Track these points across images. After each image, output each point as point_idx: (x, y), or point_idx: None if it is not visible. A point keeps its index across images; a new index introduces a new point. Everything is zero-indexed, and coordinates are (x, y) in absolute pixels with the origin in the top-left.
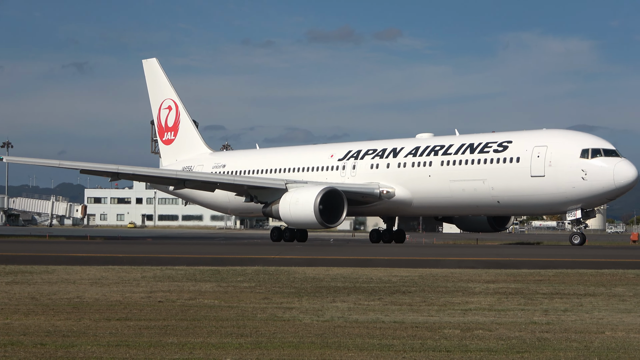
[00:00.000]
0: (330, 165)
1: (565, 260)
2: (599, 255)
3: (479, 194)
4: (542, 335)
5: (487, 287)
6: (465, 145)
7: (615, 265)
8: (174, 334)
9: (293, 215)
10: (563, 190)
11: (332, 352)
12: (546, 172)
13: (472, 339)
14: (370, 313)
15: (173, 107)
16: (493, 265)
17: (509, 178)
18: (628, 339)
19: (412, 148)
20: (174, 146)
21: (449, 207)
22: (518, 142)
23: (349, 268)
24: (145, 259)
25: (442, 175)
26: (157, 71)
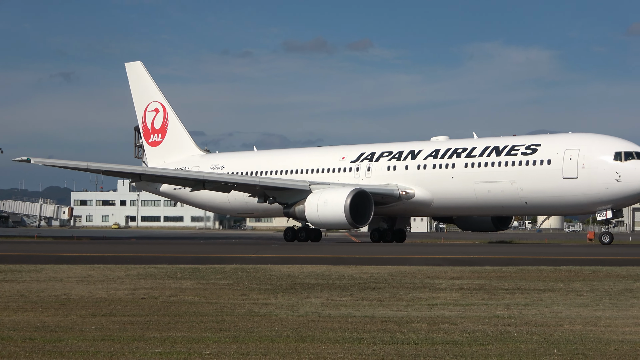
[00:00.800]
0: (343, 167)
1: (526, 258)
2: (557, 253)
3: (506, 195)
4: (504, 329)
5: (452, 283)
6: (489, 147)
7: (573, 262)
8: (156, 329)
9: (321, 216)
10: (596, 192)
11: (306, 345)
12: (579, 174)
13: (438, 332)
14: (342, 308)
15: (160, 110)
16: (458, 262)
17: (539, 179)
18: (585, 331)
19: (431, 150)
20: (162, 148)
21: (472, 207)
22: (547, 145)
23: (322, 266)
24: (129, 258)
25: (466, 177)
26: (143, 74)
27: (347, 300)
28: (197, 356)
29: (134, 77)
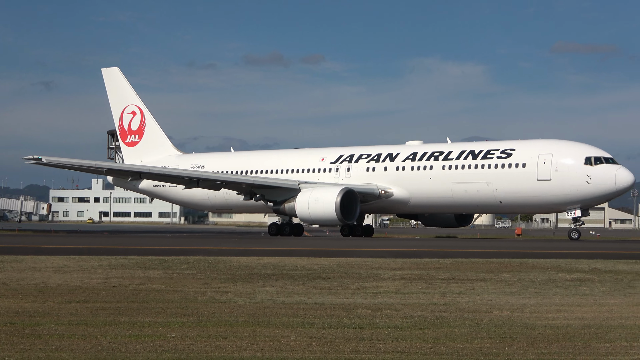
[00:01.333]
0: (322, 167)
1: (460, 251)
2: (488, 247)
3: (482, 195)
4: (440, 314)
5: (394, 273)
6: (465, 151)
7: (502, 255)
8: (126, 314)
9: (312, 212)
10: (567, 193)
11: (262, 329)
12: (552, 177)
13: (381, 317)
14: (295, 296)
15: (138, 112)
16: (400, 255)
17: (514, 181)
18: (512, 317)
19: (409, 153)
20: (139, 148)
21: (448, 206)
22: (521, 150)
23: (277, 257)
24: (102, 250)
25: (444, 178)
26: (120, 79)
27: (300, 289)
28: (163, 339)
29: (111, 82)
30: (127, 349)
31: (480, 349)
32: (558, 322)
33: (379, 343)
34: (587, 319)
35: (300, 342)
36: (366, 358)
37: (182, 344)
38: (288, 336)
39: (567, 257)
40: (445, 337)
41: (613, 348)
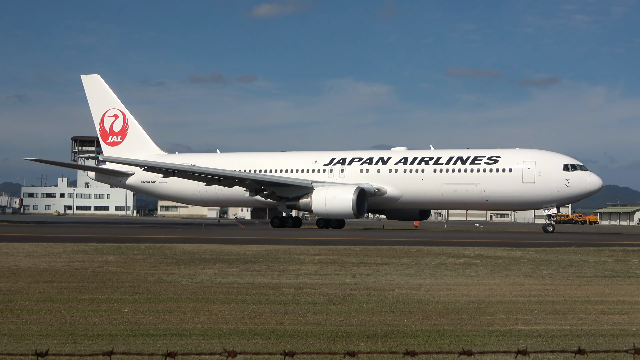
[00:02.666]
0: (316, 168)
1: (368, 239)
2: (391, 236)
3: (471, 194)
4: (351, 292)
5: (313, 258)
6: (454, 157)
7: (402, 243)
8: (87, 292)
9: (329, 208)
10: (549, 194)
11: (202, 304)
12: (536, 180)
13: (302, 295)
14: (229, 277)
15: (120, 116)
16: (318, 242)
17: (502, 183)
18: (410, 294)
19: (400, 158)
20: (122, 148)
21: (437, 203)
22: (506, 157)
23: (215, 244)
24: (66, 238)
25: (435, 179)
26: (101, 85)
27: (234, 271)
28: (118, 313)
29: (91, 87)
30: (87, 322)
31: (384, 321)
32: (448, 299)
33: (300, 316)
34: (472, 296)
35: (234, 315)
36: (289, 329)
37: (134, 317)
38: (224, 311)
39: (456, 245)
40: (355, 311)
41: (493, 320)
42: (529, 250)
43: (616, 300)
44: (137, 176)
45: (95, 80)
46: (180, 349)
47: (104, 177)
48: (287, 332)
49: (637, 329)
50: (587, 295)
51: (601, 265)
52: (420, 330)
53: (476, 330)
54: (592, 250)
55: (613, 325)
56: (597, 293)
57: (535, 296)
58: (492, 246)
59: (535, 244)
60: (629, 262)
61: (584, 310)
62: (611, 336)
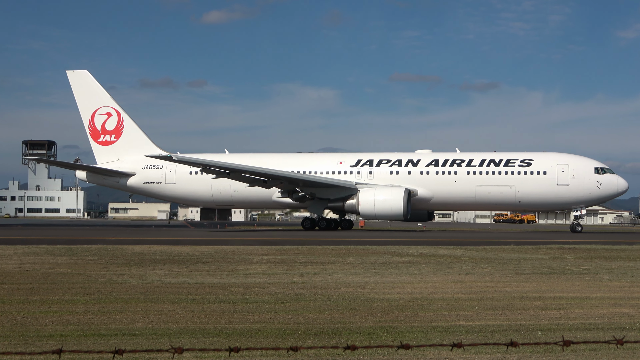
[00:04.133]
0: (342, 170)
1: (315, 239)
2: (338, 236)
3: (504, 196)
4: (299, 291)
5: (261, 258)
6: (486, 160)
7: (348, 243)
8: (38, 294)
9: (378, 209)
10: (582, 195)
11: (152, 304)
12: (570, 182)
13: (250, 294)
14: (179, 277)
15: (114, 114)
16: (266, 243)
17: (536, 185)
18: (356, 292)
19: (430, 160)
20: (116, 147)
21: (469, 204)
22: (539, 160)
23: (165, 245)
24: (17, 240)
25: (468, 181)
26: (90, 82)
27: (184, 271)
28: (69, 314)
29: (79, 84)
30: (38, 323)
31: (330, 318)
32: (392, 296)
33: (249, 315)
34: (416, 293)
35: (184, 315)
36: (238, 327)
37: (85, 317)
38: (174, 310)
39: (400, 244)
40: (303, 309)
41: (436, 316)
42: (470, 249)
43: (553, 296)
44: (139, 177)
45: (83, 77)
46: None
47: (98, 177)
48: (236, 331)
49: (573, 324)
50: (526, 292)
51: (539, 263)
52: (366, 327)
53: (419, 326)
54: (530, 248)
55: (550, 320)
56: (535, 289)
57: (476, 293)
58: (435, 245)
59: (476, 242)
60: (565, 259)
61: (522, 306)
62: (548, 330)
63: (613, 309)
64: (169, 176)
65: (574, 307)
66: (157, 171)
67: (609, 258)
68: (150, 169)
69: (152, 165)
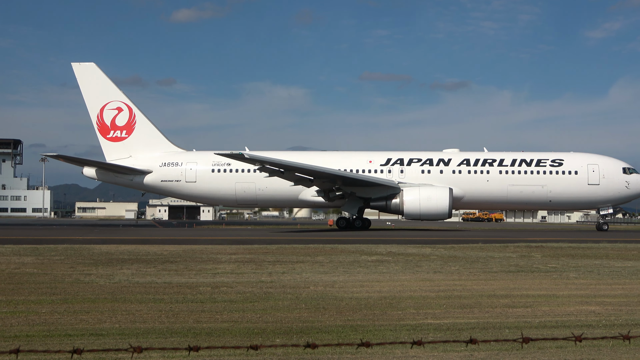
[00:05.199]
0: (372, 168)
1: (283, 238)
2: (306, 235)
3: (536, 195)
4: (267, 290)
5: (230, 257)
6: (518, 159)
7: (317, 242)
8: (3, 294)
9: (423, 208)
10: (611, 195)
11: (119, 304)
12: (600, 182)
13: (219, 293)
14: (147, 277)
15: (125, 109)
16: (235, 242)
17: (568, 185)
18: (325, 291)
19: (461, 159)
20: (127, 143)
21: (501, 203)
22: (570, 160)
23: (133, 245)
24: None
25: (500, 181)
26: (98, 75)
27: (151, 271)
28: (35, 314)
29: (86, 77)
30: (4, 323)
31: (299, 317)
32: (361, 295)
33: (217, 314)
34: (384, 292)
35: (151, 314)
36: (206, 327)
37: (51, 318)
38: (141, 310)
39: (369, 242)
40: (271, 308)
41: (404, 314)
42: (438, 247)
43: (520, 294)
44: (155, 174)
45: (90, 69)
46: (96, 347)
47: (109, 175)
48: (204, 330)
49: (540, 321)
50: (493, 290)
51: (506, 261)
52: (334, 325)
53: (388, 324)
54: (498, 247)
55: (517, 318)
56: (503, 287)
57: (444, 291)
58: (404, 244)
59: (445, 241)
60: (532, 258)
61: (490, 304)
62: (515, 328)
63: (580, 307)
64: (190, 174)
65: (541, 304)
66: (176, 168)
67: (575, 256)
68: (169, 167)
69: (170, 163)
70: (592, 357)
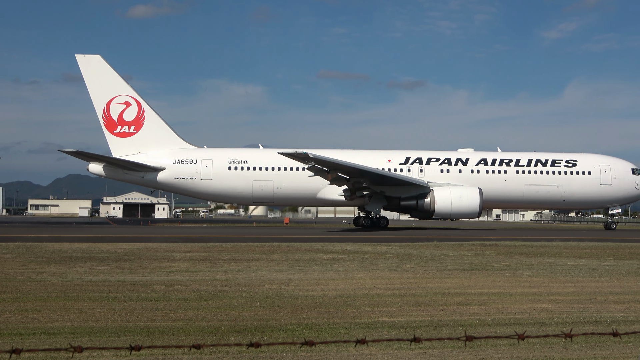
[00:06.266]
0: (391, 167)
1: (239, 236)
2: (262, 233)
3: (551, 195)
4: (222, 288)
5: (185, 255)
6: (533, 160)
7: (273, 240)
8: None
9: (454, 207)
10: (621, 195)
11: (72, 303)
12: (612, 182)
13: (173, 291)
14: (101, 275)
15: (133, 103)
16: (190, 240)
17: (582, 185)
18: (280, 289)
19: (479, 159)
20: (136, 139)
21: (517, 202)
22: (583, 161)
23: (86, 243)
24: None
25: (517, 181)
26: (104, 68)
27: (105, 269)
28: None
29: (91, 70)
30: None
31: (254, 316)
32: (316, 293)
33: (171, 312)
34: (339, 290)
35: (104, 313)
36: (160, 325)
37: (1, 317)
38: (94, 308)
39: (325, 241)
40: (226, 307)
41: (359, 312)
42: (393, 245)
43: (474, 292)
44: (169, 172)
45: (95, 62)
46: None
47: (118, 172)
48: (158, 329)
49: (493, 319)
50: (448, 288)
51: (461, 259)
52: (289, 324)
53: (343, 322)
54: (453, 245)
55: (471, 316)
56: (457, 285)
57: (399, 289)
58: (359, 242)
59: (400, 239)
60: (486, 256)
61: (444, 302)
62: (469, 326)
63: (532, 305)
64: (205, 172)
65: (495, 302)
66: (190, 166)
67: (529, 254)
68: (183, 164)
69: (184, 160)
70: (535, 355)
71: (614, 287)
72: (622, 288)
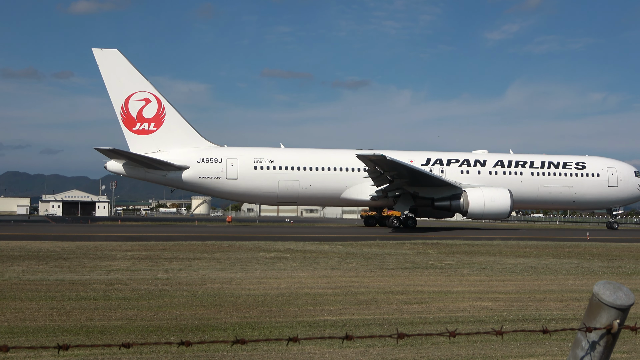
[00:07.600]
0: None
1: (180, 235)
2: (204, 232)
3: (563, 196)
4: (163, 287)
5: (125, 254)
6: (546, 162)
7: (215, 238)
8: None
9: (487, 208)
10: (626, 196)
11: (9, 302)
12: (618, 184)
13: (113, 290)
14: (39, 274)
15: (153, 100)
16: (131, 239)
17: (591, 186)
18: (222, 288)
19: (496, 161)
20: (156, 137)
21: (531, 203)
22: (591, 164)
23: (24, 241)
24: None
25: (532, 182)
26: (122, 63)
27: (43, 268)
28: None
29: (108, 65)
30: None
31: (195, 315)
32: (258, 292)
33: (110, 312)
34: (282, 289)
35: (42, 312)
36: (99, 324)
37: None
38: (32, 308)
39: (267, 239)
40: (167, 306)
41: (301, 311)
42: (336, 244)
43: (416, 291)
44: (193, 171)
45: (113, 56)
46: None
47: (139, 170)
48: (97, 328)
49: (434, 317)
50: (389, 286)
51: (402, 258)
52: (231, 323)
53: (284, 321)
54: (395, 244)
55: (412, 314)
56: (399, 284)
57: (341, 288)
58: (302, 240)
59: (343, 237)
60: (428, 254)
61: (386, 301)
62: (410, 324)
63: (473, 303)
64: (231, 171)
65: (436, 301)
66: (215, 165)
67: (470, 253)
68: (207, 163)
69: (208, 159)
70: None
71: (552, 286)
72: (561, 286)
